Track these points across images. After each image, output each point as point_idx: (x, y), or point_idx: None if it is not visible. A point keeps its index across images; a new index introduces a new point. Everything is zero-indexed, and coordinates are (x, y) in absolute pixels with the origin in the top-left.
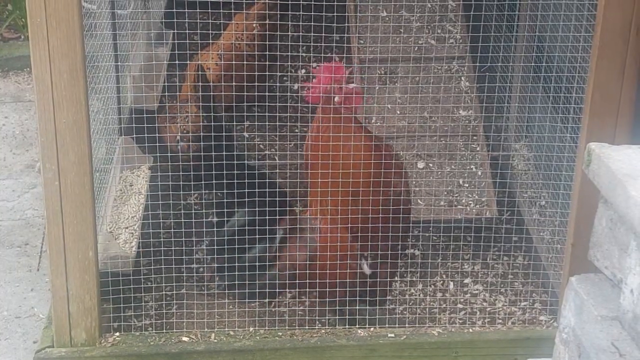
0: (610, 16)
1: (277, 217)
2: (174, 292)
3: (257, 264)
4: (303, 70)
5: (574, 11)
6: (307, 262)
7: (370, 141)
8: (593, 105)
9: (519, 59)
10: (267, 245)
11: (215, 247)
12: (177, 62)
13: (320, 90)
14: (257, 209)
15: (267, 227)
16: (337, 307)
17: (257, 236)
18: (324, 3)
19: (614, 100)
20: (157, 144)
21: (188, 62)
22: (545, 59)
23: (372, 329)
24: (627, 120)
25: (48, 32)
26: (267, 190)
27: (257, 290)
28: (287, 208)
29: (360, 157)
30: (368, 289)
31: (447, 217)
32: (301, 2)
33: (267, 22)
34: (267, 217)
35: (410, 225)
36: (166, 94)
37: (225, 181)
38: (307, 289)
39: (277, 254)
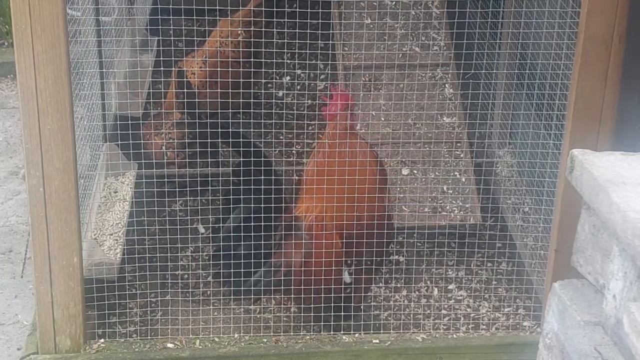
0: (593, 24)
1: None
2: (159, 298)
3: (252, 260)
4: (288, 77)
5: (557, 19)
6: (303, 262)
7: (374, 158)
8: (576, 112)
9: (502, 66)
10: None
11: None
12: (161, 68)
13: (337, 109)
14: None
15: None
16: (319, 314)
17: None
18: (309, 10)
19: (597, 107)
20: (142, 151)
21: (173, 68)
22: (528, 66)
23: (356, 334)
24: (610, 126)
25: (33, 39)
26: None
27: (252, 288)
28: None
29: (365, 172)
30: (343, 295)
31: (431, 223)
32: (286, 9)
33: (252, 28)
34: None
35: (394, 234)
36: (151, 100)
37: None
38: (300, 289)
39: (274, 250)
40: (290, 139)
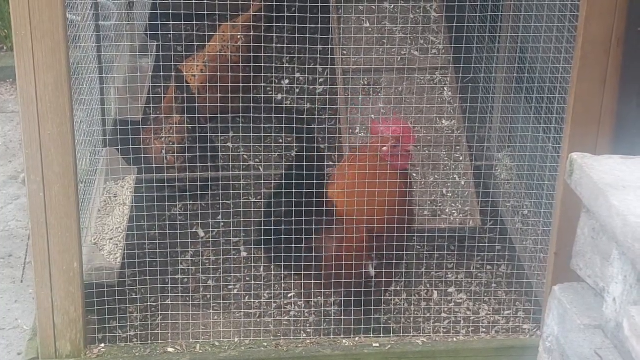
0: (592, 27)
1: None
2: (159, 303)
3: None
4: (287, 81)
5: (556, 22)
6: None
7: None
8: (575, 115)
9: (501, 70)
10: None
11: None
12: (161, 73)
13: (379, 132)
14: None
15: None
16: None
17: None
18: (308, 15)
19: (596, 111)
20: (142, 155)
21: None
22: (527, 69)
23: (357, 338)
24: (609, 130)
25: (33, 45)
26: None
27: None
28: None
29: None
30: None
31: (431, 226)
32: (285, 13)
33: (252, 33)
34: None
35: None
36: (150, 105)
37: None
38: (331, 274)
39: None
40: (290, 143)
